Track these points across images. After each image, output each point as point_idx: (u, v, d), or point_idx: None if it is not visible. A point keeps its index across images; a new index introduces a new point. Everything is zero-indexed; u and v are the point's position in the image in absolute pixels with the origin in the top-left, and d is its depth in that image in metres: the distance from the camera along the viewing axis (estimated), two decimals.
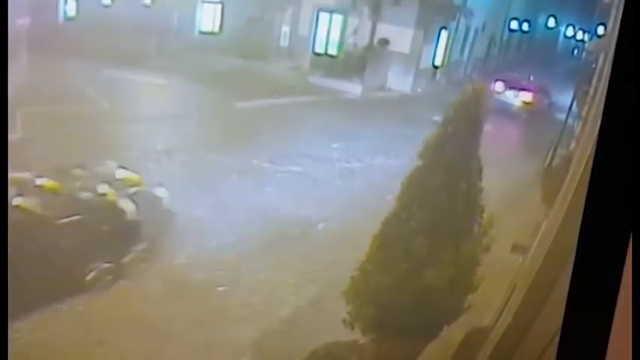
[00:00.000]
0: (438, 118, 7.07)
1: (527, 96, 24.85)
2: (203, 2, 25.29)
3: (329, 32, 26.06)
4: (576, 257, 2.07)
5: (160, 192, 10.34)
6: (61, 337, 7.29)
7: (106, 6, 22.35)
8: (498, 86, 24.86)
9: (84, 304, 7.94)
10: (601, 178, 2.00)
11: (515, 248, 8.60)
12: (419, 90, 23.81)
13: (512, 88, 25.15)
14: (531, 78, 26.66)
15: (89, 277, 9.04)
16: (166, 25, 23.09)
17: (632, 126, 1.90)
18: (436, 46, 28.05)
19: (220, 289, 8.86)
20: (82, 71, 17.28)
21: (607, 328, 1.98)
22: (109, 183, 9.54)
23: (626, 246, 1.93)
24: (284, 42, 26.50)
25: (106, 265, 9.04)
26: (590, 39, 28.80)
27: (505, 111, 22.91)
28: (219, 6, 25.29)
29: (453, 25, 28.77)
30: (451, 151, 6.10)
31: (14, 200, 8.07)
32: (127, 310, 8.01)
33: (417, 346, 6.72)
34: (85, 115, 14.99)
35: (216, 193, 12.08)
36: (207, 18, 25.41)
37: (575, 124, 15.50)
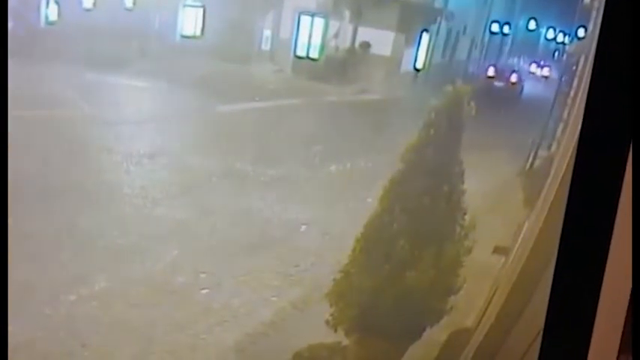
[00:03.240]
0: (419, 120, 7.11)
1: (546, 70, 35.09)
2: (185, 6, 25.25)
3: (310, 35, 26.08)
4: (558, 258, 2.10)
5: None
6: (46, 340, 7.25)
7: (88, 10, 22.30)
8: (533, 65, 36.03)
9: (67, 307, 7.90)
10: (582, 180, 2.03)
11: (497, 250, 8.66)
12: (400, 93, 23.81)
13: (538, 66, 35.68)
14: (542, 62, 36.53)
15: None
16: (148, 29, 23.07)
17: (612, 127, 1.92)
18: (417, 48, 28.14)
19: (204, 291, 8.84)
20: (63, 75, 17.20)
21: (589, 329, 2.01)
22: None
23: (608, 245, 1.96)
24: (266, 45, 26.49)
25: None
26: (571, 41, 29.43)
27: (537, 78, 33.90)
28: (201, 10, 25.27)
29: (434, 28, 28.87)
30: (433, 154, 6.13)
31: None
32: (110, 313, 7.98)
33: (400, 347, 6.75)
34: (67, 119, 14.92)
35: (198, 196, 12.06)
36: (189, 21, 25.36)
37: (556, 126, 15.63)
